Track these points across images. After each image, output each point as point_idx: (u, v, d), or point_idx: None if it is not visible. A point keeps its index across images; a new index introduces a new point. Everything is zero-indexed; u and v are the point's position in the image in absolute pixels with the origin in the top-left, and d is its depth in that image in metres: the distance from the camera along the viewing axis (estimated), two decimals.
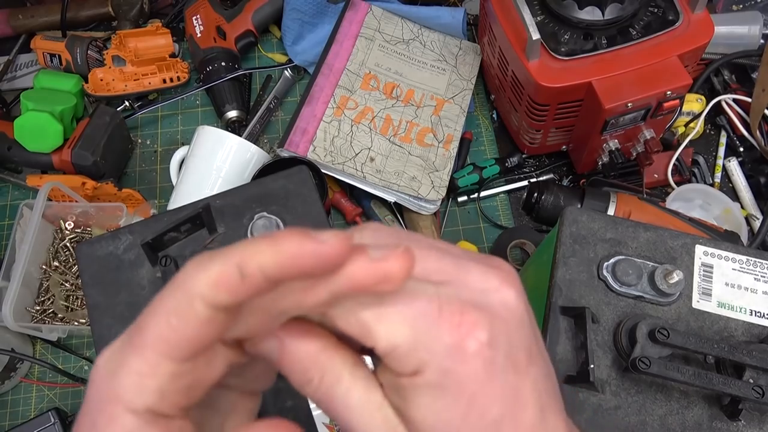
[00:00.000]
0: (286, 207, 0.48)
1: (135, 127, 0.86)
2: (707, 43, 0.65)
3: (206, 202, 0.46)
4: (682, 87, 0.63)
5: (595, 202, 0.71)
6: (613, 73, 0.63)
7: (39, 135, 0.74)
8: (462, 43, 0.86)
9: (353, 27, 0.85)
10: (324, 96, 0.80)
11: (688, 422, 0.43)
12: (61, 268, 0.74)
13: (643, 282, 0.46)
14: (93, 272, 0.46)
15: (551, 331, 0.46)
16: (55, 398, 0.72)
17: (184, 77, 0.85)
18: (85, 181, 0.74)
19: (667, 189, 0.78)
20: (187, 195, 0.73)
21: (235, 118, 0.83)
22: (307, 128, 0.78)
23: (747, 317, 0.45)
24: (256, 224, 0.45)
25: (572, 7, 0.65)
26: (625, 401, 0.44)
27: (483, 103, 0.86)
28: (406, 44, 0.85)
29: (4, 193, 0.83)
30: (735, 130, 0.80)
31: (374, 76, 0.83)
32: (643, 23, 0.65)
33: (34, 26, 0.90)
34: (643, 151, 0.71)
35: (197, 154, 0.74)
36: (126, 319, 0.44)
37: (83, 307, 0.72)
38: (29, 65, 0.90)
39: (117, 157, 0.80)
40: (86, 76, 0.83)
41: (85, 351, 0.74)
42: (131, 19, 0.90)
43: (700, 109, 0.79)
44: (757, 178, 0.77)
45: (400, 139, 0.79)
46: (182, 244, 0.46)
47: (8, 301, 0.65)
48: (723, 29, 0.79)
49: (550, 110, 0.69)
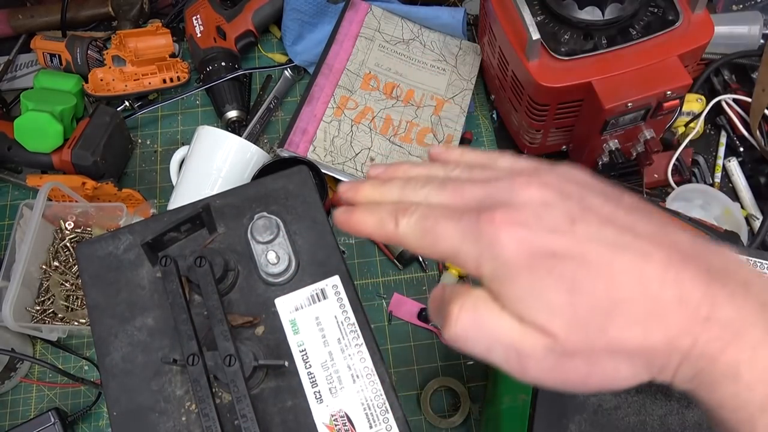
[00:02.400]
0: (286, 207, 0.48)
1: (135, 127, 0.86)
2: (707, 43, 0.65)
3: (206, 202, 0.46)
4: (682, 87, 0.63)
5: None
6: (613, 73, 0.63)
7: (39, 135, 0.74)
8: (462, 43, 0.86)
9: (353, 27, 0.85)
10: (324, 96, 0.80)
11: (688, 422, 0.43)
12: (61, 268, 0.74)
13: None
14: (93, 272, 0.46)
15: None
16: (55, 398, 0.72)
17: (184, 77, 0.85)
18: (85, 181, 0.74)
19: (667, 189, 0.78)
20: (187, 195, 0.73)
21: (235, 118, 0.83)
22: (307, 128, 0.78)
23: None
24: (256, 224, 0.45)
25: (572, 7, 0.65)
26: (625, 401, 0.44)
27: (483, 103, 0.86)
28: (406, 44, 0.85)
29: (4, 193, 0.83)
30: (735, 130, 0.80)
31: (374, 76, 0.83)
32: (643, 23, 0.65)
33: (34, 26, 0.90)
34: (643, 151, 0.71)
35: (197, 154, 0.74)
36: (126, 319, 0.44)
37: (83, 307, 0.72)
38: (29, 65, 0.90)
39: (117, 157, 0.80)
40: (86, 76, 0.83)
41: (85, 351, 0.74)
42: (131, 19, 0.90)
43: (700, 109, 0.79)
44: (757, 178, 0.77)
45: (400, 139, 0.79)
46: (182, 244, 0.46)
47: (8, 301, 0.65)
48: (723, 29, 0.79)
49: (550, 110, 0.69)
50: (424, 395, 0.69)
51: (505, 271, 0.25)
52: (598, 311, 0.24)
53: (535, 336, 0.25)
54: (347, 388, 0.42)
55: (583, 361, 0.25)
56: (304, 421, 0.41)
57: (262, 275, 0.44)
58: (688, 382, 0.25)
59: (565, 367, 0.25)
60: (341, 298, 0.45)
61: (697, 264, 0.25)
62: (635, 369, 0.25)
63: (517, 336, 0.25)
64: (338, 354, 0.43)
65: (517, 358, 0.26)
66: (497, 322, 0.26)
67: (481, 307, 0.27)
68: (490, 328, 0.26)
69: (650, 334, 0.24)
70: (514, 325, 0.26)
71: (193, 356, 0.39)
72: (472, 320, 0.27)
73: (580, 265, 0.25)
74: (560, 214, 0.26)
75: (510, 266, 0.25)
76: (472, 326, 0.27)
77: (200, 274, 0.42)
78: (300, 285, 0.45)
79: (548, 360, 0.25)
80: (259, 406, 0.41)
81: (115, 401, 0.42)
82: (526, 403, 0.45)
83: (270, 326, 0.44)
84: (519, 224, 0.25)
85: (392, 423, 0.41)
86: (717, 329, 0.24)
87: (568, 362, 0.25)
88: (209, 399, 0.38)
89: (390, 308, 0.73)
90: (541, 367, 0.26)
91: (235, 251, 0.46)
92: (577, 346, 0.25)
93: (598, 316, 0.24)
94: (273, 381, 0.42)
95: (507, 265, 0.25)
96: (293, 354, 0.43)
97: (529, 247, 0.25)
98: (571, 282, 0.24)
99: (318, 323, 0.44)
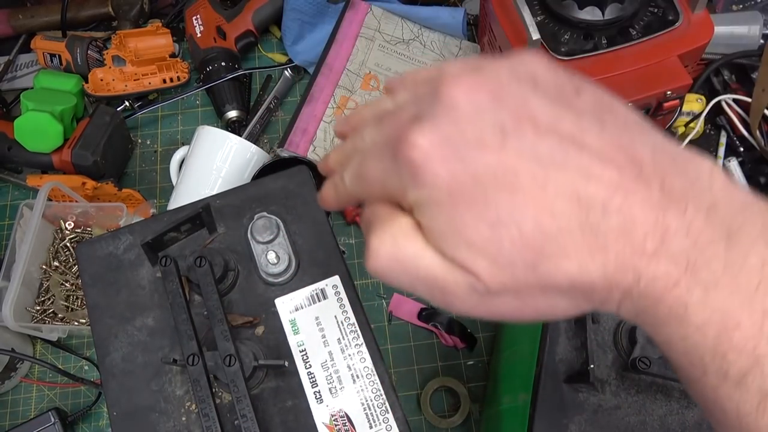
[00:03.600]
0: (286, 207, 0.48)
1: (135, 127, 0.86)
2: (707, 43, 0.65)
3: (206, 202, 0.46)
4: (682, 87, 0.63)
5: None
6: (613, 73, 0.63)
7: (39, 135, 0.74)
8: (462, 43, 0.86)
9: (353, 27, 0.85)
10: (324, 96, 0.80)
11: (688, 422, 0.43)
12: (61, 268, 0.74)
13: None
14: (93, 272, 0.46)
15: (551, 331, 0.46)
16: (55, 398, 0.72)
17: (184, 77, 0.85)
18: (85, 181, 0.74)
19: None
20: (187, 195, 0.73)
21: (235, 118, 0.83)
22: (307, 128, 0.78)
23: None
24: (256, 224, 0.45)
25: (572, 7, 0.65)
26: (625, 401, 0.44)
27: None
28: (406, 44, 0.85)
29: (4, 193, 0.83)
30: (735, 130, 0.80)
31: (374, 76, 0.83)
32: (643, 23, 0.65)
33: (34, 26, 0.90)
34: None
35: (197, 154, 0.74)
36: (126, 319, 0.44)
37: (83, 307, 0.72)
38: (29, 65, 0.90)
39: (117, 157, 0.80)
40: (86, 76, 0.83)
41: (85, 351, 0.74)
42: (131, 19, 0.89)
43: (700, 109, 0.79)
44: (757, 178, 0.77)
45: None
46: (182, 244, 0.46)
47: (8, 301, 0.65)
48: (723, 29, 0.79)
49: None
50: (424, 395, 0.69)
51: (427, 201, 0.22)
52: (526, 247, 0.21)
53: (457, 274, 0.22)
54: (347, 388, 0.42)
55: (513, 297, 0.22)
56: (304, 421, 0.41)
57: (262, 275, 0.44)
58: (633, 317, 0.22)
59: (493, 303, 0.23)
60: (341, 298, 0.45)
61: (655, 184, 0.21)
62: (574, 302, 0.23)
63: (439, 273, 0.23)
64: (338, 354, 0.43)
65: (442, 295, 0.24)
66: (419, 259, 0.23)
67: (401, 241, 0.24)
68: (411, 264, 0.23)
69: (585, 271, 0.21)
70: (435, 261, 0.23)
71: (193, 356, 0.39)
72: (391, 254, 0.24)
73: (506, 191, 0.21)
74: (489, 126, 0.21)
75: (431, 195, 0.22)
76: (391, 261, 0.24)
77: (200, 274, 0.42)
78: (300, 285, 0.45)
79: (473, 297, 0.23)
80: (259, 406, 0.41)
81: (115, 401, 0.42)
82: (526, 403, 0.45)
83: (270, 326, 0.44)
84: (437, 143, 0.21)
85: (392, 423, 0.41)
86: (665, 264, 0.20)
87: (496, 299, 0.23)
88: (209, 399, 0.38)
89: (390, 308, 0.73)
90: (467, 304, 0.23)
91: (235, 251, 0.46)
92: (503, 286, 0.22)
93: (525, 253, 0.21)
94: (273, 381, 0.42)
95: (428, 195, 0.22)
96: (293, 354, 0.43)
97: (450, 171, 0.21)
98: (495, 213, 0.21)
99: (318, 323, 0.44)
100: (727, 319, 0.20)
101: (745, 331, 0.20)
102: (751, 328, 0.20)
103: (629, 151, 0.21)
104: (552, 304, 0.23)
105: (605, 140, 0.21)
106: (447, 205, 0.22)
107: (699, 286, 0.20)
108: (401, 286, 0.25)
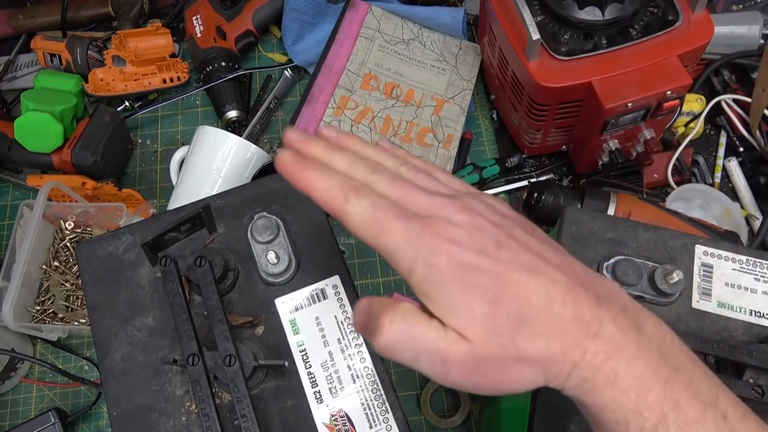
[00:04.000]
0: (286, 207, 0.48)
1: (135, 127, 0.86)
2: (707, 43, 0.65)
3: (206, 202, 0.46)
4: (682, 87, 0.63)
5: (595, 202, 0.71)
6: (613, 73, 0.63)
7: (39, 135, 0.74)
8: (462, 43, 0.86)
9: (353, 27, 0.85)
10: (324, 96, 0.80)
11: None
12: (61, 268, 0.74)
13: (643, 282, 0.46)
14: (93, 272, 0.46)
15: None
16: (55, 398, 0.72)
17: (184, 77, 0.85)
18: (85, 181, 0.75)
19: (667, 189, 0.78)
20: (187, 195, 0.73)
21: (235, 118, 0.83)
22: (307, 128, 0.78)
23: (747, 317, 0.46)
24: (256, 224, 0.45)
25: (572, 7, 0.65)
26: None
27: (483, 103, 0.86)
28: (406, 44, 0.85)
29: (4, 193, 0.83)
30: (735, 130, 0.80)
31: (374, 76, 0.83)
32: (643, 23, 0.65)
33: (34, 26, 0.90)
34: (643, 151, 0.71)
35: (197, 154, 0.74)
36: (126, 319, 0.44)
37: (83, 307, 0.72)
38: (29, 65, 0.90)
39: (117, 157, 0.80)
40: (86, 76, 0.83)
41: (85, 351, 0.74)
42: (131, 19, 0.90)
43: (700, 109, 0.79)
44: (757, 178, 0.77)
45: (400, 139, 0.79)
46: (182, 244, 0.46)
47: (8, 301, 0.65)
48: (723, 29, 0.79)
49: (550, 110, 0.69)
50: (424, 395, 0.69)
51: (438, 278, 0.29)
52: (511, 323, 0.28)
53: (457, 343, 0.29)
54: (347, 388, 0.42)
55: (495, 366, 0.29)
56: (304, 421, 0.41)
57: (262, 275, 0.44)
58: (575, 388, 0.29)
59: (481, 372, 0.29)
60: (341, 298, 0.45)
61: (590, 290, 0.30)
62: (534, 375, 0.29)
63: (442, 343, 0.29)
64: (338, 354, 0.43)
65: (441, 364, 0.29)
66: (425, 331, 0.29)
67: (410, 319, 0.30)
68: (418, 338, 0.29)
69: (550, 346, 0.28)
70: (439, 333, 0.29)
71: (193, 356, 0.39)
72: (402, 330, 0.30)
73: (501, 283, 0.29)
74: (490, 239, 0.30)
75: (442, 275, 0.29)
76: (401, 336, 0.30)
77: (200, 274, 0.42)
78: (300, 285, 0.45)
79: (467, 365, 0.29)
80: (259, 406, 0.41)
81: (115, 401, 0.42)
82: (526, 403, 0.45)
83: (270, 326, 0.44)
84: (455, 241, 0.29)
85: (392, 423, 0.41)
86: (602, 344, 0.28)
87: (483, 367, 0.29)
88: (209, 399, 0.38)
89: None
90: (461, 371, 0.29)
91: (235, 251, 0.46)
92: (491, 353, 0.28)
93: (511, 328, 0.28)
94: (273, 381, 0.42)
95: (440, 274, 0.29)
96: (293, 354, 0.43)
97: (461, 262, 0.29)
98: (492, 296, 0.28)
99: (318, 323, 0.44)
100: (643, 385, 0.28)
101: (656, 393, 0.28)
102: (658, 392, 0.28)
103: (571, 267, 0.31)
104: (521, 373, 0.29)
105: (558, 258, 0.31)
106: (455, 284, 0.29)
107: (624, 359, 0.28)
108: (404, 359, 0.30)
